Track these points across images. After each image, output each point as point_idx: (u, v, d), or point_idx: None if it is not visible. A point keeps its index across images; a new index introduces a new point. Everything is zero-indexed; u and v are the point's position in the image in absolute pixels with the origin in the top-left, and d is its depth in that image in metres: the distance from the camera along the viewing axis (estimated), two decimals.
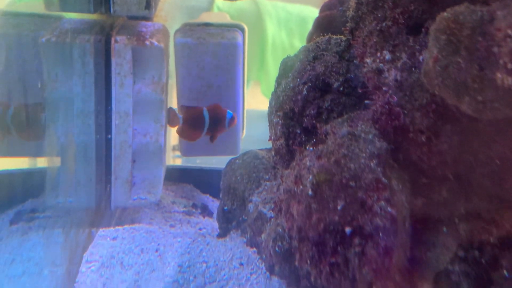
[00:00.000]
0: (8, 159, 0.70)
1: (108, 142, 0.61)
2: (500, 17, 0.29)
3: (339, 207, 0.35)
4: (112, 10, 0.58)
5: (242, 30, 0.75)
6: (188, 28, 0.71)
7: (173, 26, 0.77)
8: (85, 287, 0.43)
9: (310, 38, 0.63)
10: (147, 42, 0.57)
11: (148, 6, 0.56)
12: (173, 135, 0.87)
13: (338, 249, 0.34)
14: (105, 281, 0.45)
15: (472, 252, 0.33)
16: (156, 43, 0.57)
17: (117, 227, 0.61)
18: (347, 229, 0.34)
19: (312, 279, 0.34)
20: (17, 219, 0.62)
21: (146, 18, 0.62)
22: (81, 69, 0.58)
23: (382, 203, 0.35)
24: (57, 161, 0.59)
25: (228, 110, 0.65)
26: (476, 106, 0.30)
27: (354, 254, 0.33)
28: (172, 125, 0.67)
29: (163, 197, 0.69)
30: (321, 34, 0.53)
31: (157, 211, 0.66)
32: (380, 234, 0.33)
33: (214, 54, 0.69)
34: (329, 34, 0.47)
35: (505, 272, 0.30)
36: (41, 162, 0.78)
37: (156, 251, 0.52)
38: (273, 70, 1.63)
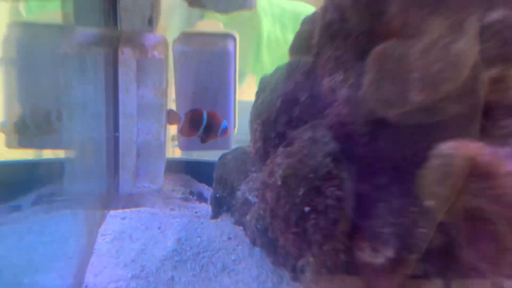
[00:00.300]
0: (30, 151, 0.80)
1: (116, 139, 0.71)
2: (414, 51, 0.39)
3: (300, 193, 0.45)
4: (119, 26, 0.67)
5: (234, 38, 0.84)
6: (186, 37, 0.80)
7: (172, 32, 0.85)
8: (102, 254, 0.54)
9: (291, 49, 0.72)
10: (149, 55, 0.66)
11: (150, 22, 0.65)
12: (172, 127, 0.97)
13: (299, 222, 0.44)
14: (117, 249, 0.55)
15: (401, 219, 0.44)
16: (157, 55, 0.67)
17: (124, 210, 0.71)
18: (306, 209, 0.45)
19: (281, 244, 0.45)
20: (39, 201, 0.72)
21: (149, 30, 0.71)
22: (93, 77, 0.67)
23: (333, 188, 0.45)
24: (73, 154, 0.69)
25: (224, 121, 0.74)
26: (399, 116, 0.40)
27: (310, 225, 0.44)
28: (173, 123, 0.76)
29: (164, 186, 0.79)
30: (299, 46, 0.62)
31: (159, 197, 0.76)
32: (330, 210, 0.43)
33: (208, 61, 0.78)
34: (302, 53, 0.56)
35: (420, 229, 0.40)
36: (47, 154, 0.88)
37: (159, 228, 0.62)
38: (268, 63, 1.72)
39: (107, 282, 0.50)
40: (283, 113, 0.49)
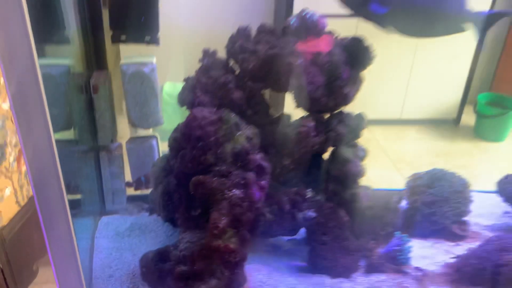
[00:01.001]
0: None
1: (102, 189, 1.67)
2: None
3: (166, 197, 1.43)
4: (98, 143, 1.64)
5: (156, 138, 1.81)
6: (131, 140, 1.75)
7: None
8: (100, 228, 1.49)
9: None
10: (113, 153, 1.61)
11: (112, 141, 1.62)
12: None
13: (168, 209, 1.43)
14: (107, 227, 1.49)
15: (198, 201, 1.42)
16: (117, 153, 1.61)
17: (108, 216, 1.67)
18: (168, 203, 1.43)
19: (166, 218, 1.43)
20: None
21: (112, 143, 1.68)
22: (90, 165, 1.64)
23: (177, 194, 1.43)
24: (84, 196, 1.65)
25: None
26: (190, 171, 1.40)
27: (171, 209, 1.42)
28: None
29: (128, 207, 1.77)
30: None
31: (125, 211, 1.72)
32: (177, 201, 1.42)
33: (143, 151, 1.72)
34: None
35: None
36: None
37: (124, 221, 1.58)
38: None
39: (105, 233, 1.46)
40: (161, 173, 1.48)
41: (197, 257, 1.29)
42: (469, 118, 5.12)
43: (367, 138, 5.35)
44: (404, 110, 5.03)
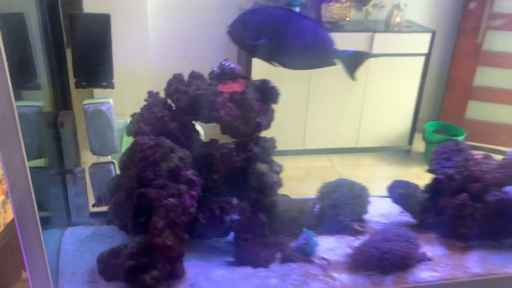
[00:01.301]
0: None
1: (69, 207, 2.05)
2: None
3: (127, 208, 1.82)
4: (65, 167, 2.04)
5: (114, 163, 2.20)
6: (93, 165, 2.17)
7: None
8: (66, 235, 1.83)
9: None
10: (77, 176, 2.02)
11: (76, 165, 2.02)
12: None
13: (120, 217, 1.82)
14: (71, 235, 1.85)
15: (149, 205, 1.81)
16: (80, 175, 2.02)
17: (73, 227, 2.01)
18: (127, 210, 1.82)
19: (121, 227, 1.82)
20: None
21: (77, 166, 2.08)
22: (57, 185, 2.03)
23: (126, 205, 1.83)
24: (53, 214, 2.03)
25: None
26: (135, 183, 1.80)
27: (123, 216, 1.81)
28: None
29: (90, 220, 2.14)
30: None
31: (88, 223, 2.09)
32: (129, 210, 1.81)
33: (104, 173, 2.14)
34: None
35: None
36: None
37: (86, 230, 1.94)
38: None
39: (70, 240, 1.83)
40: (114, 189, 1.87)
41: (142, 253, 1.67)
42: (419, 145, 5.64)
43: (326, 166, 5.83)
44: (360, 139, 5.54)
